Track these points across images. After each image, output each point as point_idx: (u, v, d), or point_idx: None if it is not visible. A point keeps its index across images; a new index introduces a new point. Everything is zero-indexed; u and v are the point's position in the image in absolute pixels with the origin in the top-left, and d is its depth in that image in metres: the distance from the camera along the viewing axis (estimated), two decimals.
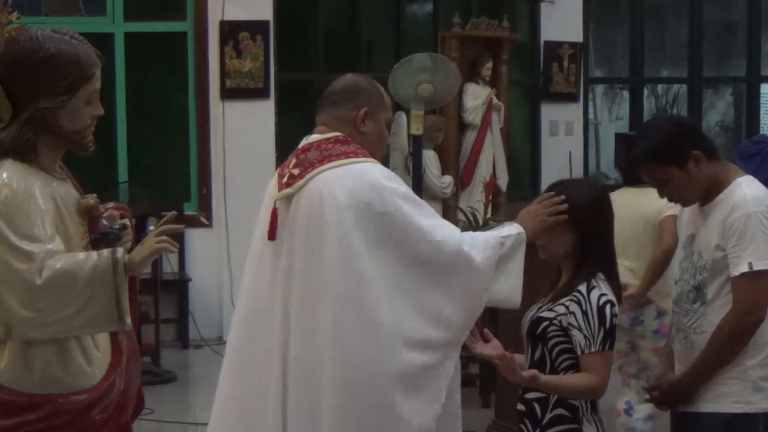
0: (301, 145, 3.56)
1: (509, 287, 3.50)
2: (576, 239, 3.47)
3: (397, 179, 3.48)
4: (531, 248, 3.59)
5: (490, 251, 3.45)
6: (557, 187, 3.58)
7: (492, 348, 3.51)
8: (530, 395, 3.46)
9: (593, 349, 3.38)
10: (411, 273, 3.38)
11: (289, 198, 3.46)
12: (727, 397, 3.54)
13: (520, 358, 3.51)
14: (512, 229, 3.50)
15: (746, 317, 3.49)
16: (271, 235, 3.46)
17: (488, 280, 3.46)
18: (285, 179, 3.50)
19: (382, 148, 3.67)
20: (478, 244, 3.44)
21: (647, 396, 3.83)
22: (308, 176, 3.44)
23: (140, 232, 3.35)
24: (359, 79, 3.69)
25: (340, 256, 3.33)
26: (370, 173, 3.41)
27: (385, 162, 3.91)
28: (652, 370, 4.36)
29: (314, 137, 3.55)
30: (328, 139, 3.50)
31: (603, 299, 3.41)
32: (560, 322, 3.42)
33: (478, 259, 3.43)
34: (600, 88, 12.83)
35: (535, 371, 3.36)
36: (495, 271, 3.46)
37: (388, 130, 3.68)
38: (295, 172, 3.47)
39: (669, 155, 3.56)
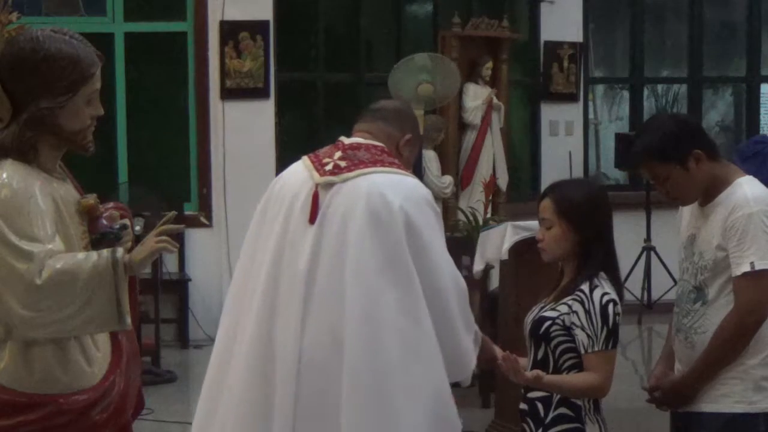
0: (347, 141, 3.59)
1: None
2: (576, 239, 3.47)
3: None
4: (532, 249, 3.59)
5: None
6: (555, 188, 3.58)
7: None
8: (533, 394, 3.47)
9: (596, 349, 3.38)
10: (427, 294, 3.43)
11: (328, 186, 3.49)
12: (727, 396, 3.54)
13: (522, 360, 3.51)
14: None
15: (748, 317, 3.49)
16: (313, 218, 3.48)
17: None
18: (329, 167, 3.52)
19: None
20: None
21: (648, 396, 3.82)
22: (359, 171, 3.48)
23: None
24: (409, 108, 3.92)
25: (388, 257, 3.37)
26: (420, 189, 3.51)
27: None
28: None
29: (359, 139, 3.60)
30: (375, 146, 3.57)
31: (606, 298, 3.41)
32: (563, 321, 3.42)
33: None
34: (600, 88, 12.81)
35: (538, 371, 3.37)
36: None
37: None
38: (342, 164, 3.51)
39: (670, 153, 3.56)
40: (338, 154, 3.55)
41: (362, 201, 3.41)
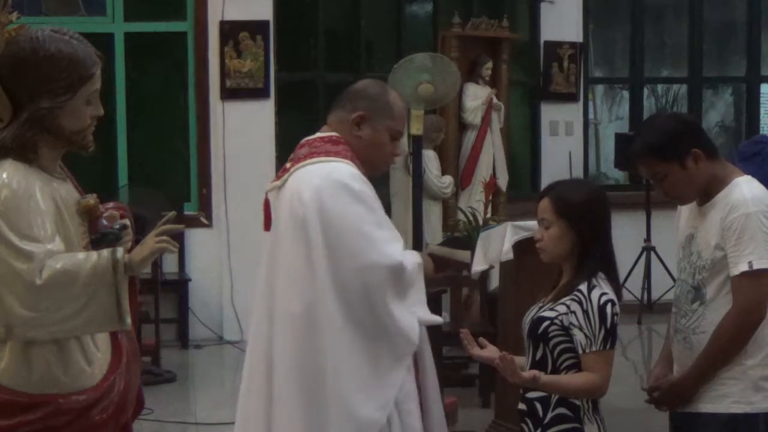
0: (302, 141, 3.65)
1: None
2: (575, 239, 3.47)
3: (365, 183, 3.52)
4: (532, 249, 3.60)
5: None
6: (554, 187, 3.59)
7: (489, 351, 3.54)
8: (531, 394, 3.47)
9: (594, 349, 3.38)
10: (352, 279, 3.45)
11: (275, 191, 3.55)
12: (726, 397, 3.55)
13: (520, 360, 3.51)
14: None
15: (746, 316, 3.49)
16: (267, 225, 3.54)
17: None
18: (279, 172, 3.62)
19: (383, 157, 3.72)
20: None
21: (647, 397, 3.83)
22: (292, 170, 3.53)
23: None
24: (372, 85, 3.77)
25: (298, 255, 3.44)
26: (334, 173, 3.48)
27: None
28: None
29: (318, 134, 3.62)
30: (322, 138, 3.58)
31: (604, 298, 3.41)
32: (561, 321, 3.42)
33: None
34: (600, 88, 12.82)
35: (535, 372, 3.37)
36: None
37: (394, 141, 3.73)
38: (287, 165, 3.58)
39: (669, 151, 3.56)
40: (291, 156, 3.61)
41: (287, 200, 3.48)
